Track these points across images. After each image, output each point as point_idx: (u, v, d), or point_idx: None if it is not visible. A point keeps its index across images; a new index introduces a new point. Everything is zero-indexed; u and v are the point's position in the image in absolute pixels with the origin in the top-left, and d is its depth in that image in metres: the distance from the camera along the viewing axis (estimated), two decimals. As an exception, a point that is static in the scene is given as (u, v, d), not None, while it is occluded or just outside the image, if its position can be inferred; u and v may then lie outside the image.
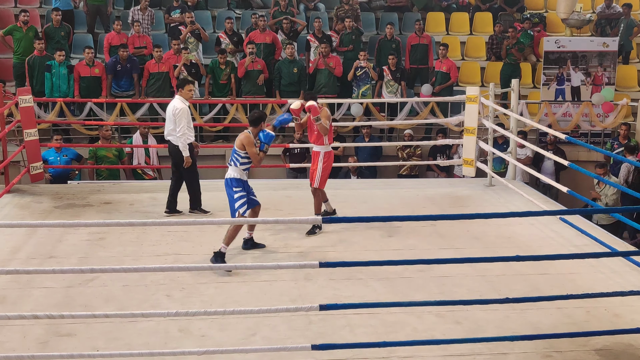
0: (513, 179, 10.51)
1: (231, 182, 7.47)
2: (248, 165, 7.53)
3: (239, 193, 7.43)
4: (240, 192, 7.43)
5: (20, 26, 13.61)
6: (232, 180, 7.47)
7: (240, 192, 7.43)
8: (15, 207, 9.12)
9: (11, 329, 5.81)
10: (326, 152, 8.27)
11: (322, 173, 8.22)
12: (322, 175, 8.23)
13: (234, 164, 7.50)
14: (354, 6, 15.43)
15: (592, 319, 6.20)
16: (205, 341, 5.72)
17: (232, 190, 7.45)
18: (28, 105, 9.82)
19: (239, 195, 7.43)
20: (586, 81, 14.18)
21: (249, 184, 7.61)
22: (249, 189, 7.56)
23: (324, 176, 8.25)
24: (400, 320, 6.06)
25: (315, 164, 8.25)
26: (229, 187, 7.48)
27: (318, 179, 8.21)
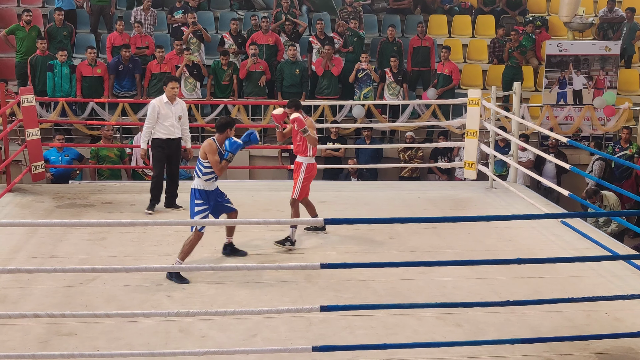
0: (514, 182, 10.51)
1: (193, 194, 7.07)
2: (212, 175, 7.07)
3: (200, 207, 7.04)
4: (201, 205, 7.04)
5: (23, 26, 13.63)
6: (194, 192, 7.07)
7: (201, 206, 7.04)
8: (17, 206, 9.12)
9: (12, 328, 5.81)
10: (309, 163, 7.96)
11: (303, 184, 7.91)
12: (302, 186, 7.91)
13: (197, 175, 7.09)
14: (357, 8, 15.43)
15: (593, 322, 6.19)
16: (206, 342, 5.71)
17: (193, 202, 7.07)
18: (30, 105, 9.83)
19: (199, 209, 7.04)
20: (588, 85, 14.18)
21: (219, 190, 7.26)
22: (216, 199, 7.19)
23: (304, 188, 7.94)
24: (400, 322, 6.06)
25: (297, 175, 7.99)
26: (192, 198, 7.08)
27: (298, 191, 7.89)
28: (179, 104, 8.92)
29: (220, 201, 7.31)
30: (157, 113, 8.79)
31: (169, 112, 8.82)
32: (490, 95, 10.39)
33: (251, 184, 11.21)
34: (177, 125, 8.89)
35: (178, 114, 8.87)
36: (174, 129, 8.88)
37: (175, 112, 8.85)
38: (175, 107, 8.86)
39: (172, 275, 6.86)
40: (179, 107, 8.92)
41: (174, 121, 8.86)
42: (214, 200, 7.19)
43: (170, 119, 8.83)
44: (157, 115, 8.80)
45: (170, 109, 8.83)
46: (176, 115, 8.86)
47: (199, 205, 7.06)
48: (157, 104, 8.81)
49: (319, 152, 12.98)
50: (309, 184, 8.04)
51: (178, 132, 8.94)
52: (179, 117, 8.88)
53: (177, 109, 8.87)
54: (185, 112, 9.04)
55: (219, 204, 7.30)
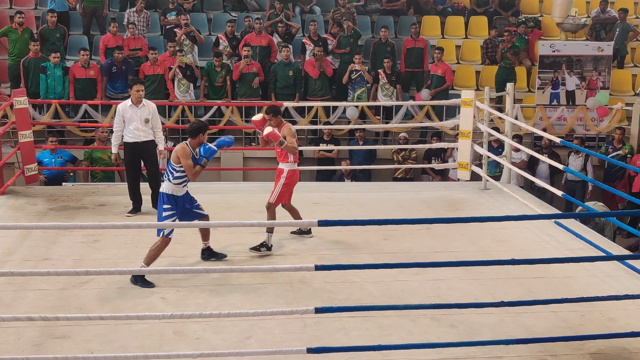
0: (508, 183, 10.53)
1: (161, 198, 6.94)
2: (183, 180, 6.94)
3: (168, 212, 6.90)
4: (168, 210, 6.90)
5: (16, 28, 13.60)
6: (162, 196, 6.93)
7: (168, 211, 6.90)
8: (10, 208, 9.10)
9: (5, 330, 5.79)
10: (290, 169, 7.89)
11: (282, 189, 7.82)
12: (281, 192, 7.82)
13: (167, 178, 6.94)
14: (350, 9, 15.44)
15: (587, 322, 6.20)
16: (200, 344, 5.70)
17: (161, 207, 6.93)
18: (23, 107, 9.80)
19: (167, 214, 6.90)
20: (581, 85, 14.22)
21: (189, 196, 7.15)
22: (184, 205, 7.06)
23: (282, 193, 7.84)
24: (395, 324, 6.06)
25: (278, 180, 7.90)
26: (159, 202, 6.97)
27: (275, 195, 7.81)
28: (145, 107, 8.77)
29: (189, 207, 7.14)
30: (122, 117, 8.74)
31: (133, 115, 8.71)
32: (483, 96, 10.41)
33: (245, 185, 11.20)
34: (142, 128, 8.74)
35: (144, 117, 8.73)
36: (139, 132, 8.75)
37: (140, 115, 8.72)
38: (141, 109, 8.74)
39: (136, 280, 6.75)
40: (146, 110, 8.77)
41: (139, 124, 8.72)
42: (182, 205, 7.04)
43: (135, 122, 8.72)
44: (123, 119, 8.75)
45: (135, 112, 8.72)
46: (142, 119, 8.72)
47: (167, 210, 6.91)
48: (121, 108, 8.78)
49: (312, 153, 13.06)
50: (289, 190, 7.95)
51: (145, 136, 8.80)
52: (145, 120, 8.74)
53: (142, 112, 8.74)
54: (153, 114, 8.84)
55: (187, 210, 7.12)
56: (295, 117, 13.31)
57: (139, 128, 8.75)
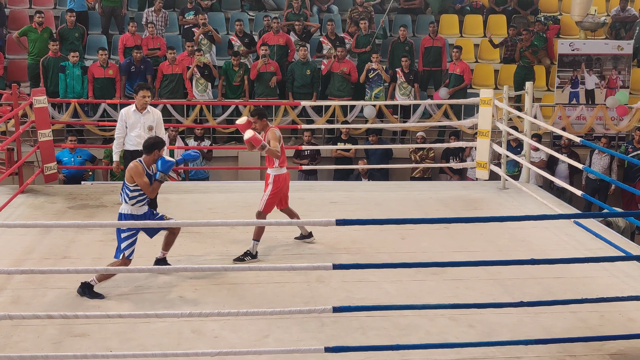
0: (527, 182, 10.47)
1: (120, 219, 6.67)
2: (139, 199, 6.59)
3: (126, 233, 6.53)
4: (127, 231, 6.52)
5: (35, 27, 13.69)
6: (121, 217, 6.65)
7: (127, 232, 6.52)
8: (29, 207, 9.16)
9: (25, 328, 5.83)
10: (277, 174, 7.62)
11: (270, 197, 7.55)
12: (269, 199, 7.55)
13: (124, 200, 6.62)
14: (368, 8, 15.43)
15: (607, 323, 6.16)
16: (218, 342, 5.72)
17: (119, 229, 6.58)
18: (42, 106, 9.86)
19: (125, 235, 6.53)
20: (600, 84, 14.12)
21: (151, 211, 6.82)
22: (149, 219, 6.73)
23: (270, 200, 7.56)
24: (413, 323, 6.05)
25: (266, 187, 7.66)
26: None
27: (263, 203, 7.53)
28: (150, 114, 8.37)
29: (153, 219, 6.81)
30: (125, 122, 8.39)
31: (136, 121, 8.33)
32: (502, 95, 10.35)
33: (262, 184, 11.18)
34: (145, 136, 8.13)
35: (148, 124, 8.34)
36: (141, 140, 7.93)
37: (144, 121, 8.34)
38: (145, 116, 8.35)
39: (84, 292, 6.46)
40: (150, 116, 8.37)
41: (142, 132, 8.31)
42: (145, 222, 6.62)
43: (137, 129, 8.34)
44: (125, 125, 8.40)
45: (139, 118, 8.34)
46: (145, 126, 8.33)
47: (124, 231, 6.53)
48: (124, 113, 8.40)
49: (329, 152, 13.06)
50: (279, 196, 7.64)
51: None
52: (149, 128, 8.33)
53: (147, 119, 8.35)
54: (158, 122, 8.44)
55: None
56: (313, 116, 13.32)
57: (141, 135, 8.24)
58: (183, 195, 9.78)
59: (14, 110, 9.87)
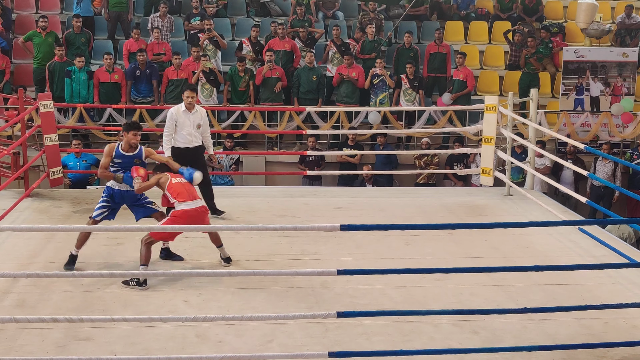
0: (531, 189, 10.46)
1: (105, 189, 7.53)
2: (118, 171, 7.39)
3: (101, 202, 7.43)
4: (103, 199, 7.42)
5: (40, 32, 13.74)
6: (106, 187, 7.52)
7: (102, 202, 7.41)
8: (35, 211, 9.19)
9: (30, 332, 5.85)
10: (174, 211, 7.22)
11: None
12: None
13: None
14: (378, 15, 15.47)
15: (611, 330, 6.15)
16: (222, 347, 5.73)
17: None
18: (48, 111, 9.89)
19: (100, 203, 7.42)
20: (605, 91, 14.12)
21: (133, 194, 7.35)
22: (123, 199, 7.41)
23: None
24: (417, 329, 6.05)
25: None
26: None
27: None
28: (197, 113, 8.74)
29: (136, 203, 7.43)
30: (175, 121, 8.71)
31: (186, 120, 8.67)
32: (507, 101, 10.37)
33: (267, 189, 11.24)
34: (195, 133, 8.71)
35: (197, 122, 8.71)
36: (192, 138, 8.71)
37: (193, 120, 8.69)
38: (194, 115, 8.70)
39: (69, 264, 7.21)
40: (198, 115, 8.74)
41: (192, 130, 8.69)
42: (119, 199, 7.41)
43: (187, 128, 8.68)
44: (175, 124, 8.71)
45: (188, 117, 8.68)
46: (194, 124, 8.70)
47: (102, 198, 7.41)
48: (174, 112, 8.73)
49: (334, 158, 13.08)
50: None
51: (197, 141, 8.77)
52: (197, 126, 8.72)
53: (195, 118, 8.71)
54: (205, 120, 8.87)
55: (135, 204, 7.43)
56: (318, 121, 13.34)
57: (192, 133, 8.69)
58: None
59: (20, 114, 9.92)
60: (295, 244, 8.05)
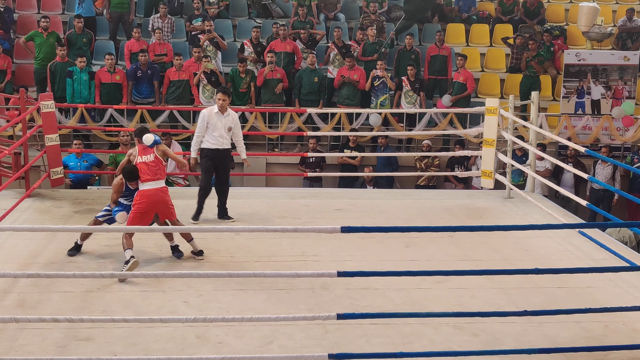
0: (532, 192, 10.47)
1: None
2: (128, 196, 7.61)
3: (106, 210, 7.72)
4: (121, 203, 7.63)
5: (41, 32, 13.75)
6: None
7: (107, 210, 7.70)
8: (36, 211, 9.19)
9: (30, 332, 5.86)
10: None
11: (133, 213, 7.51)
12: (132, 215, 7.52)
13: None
14: (380, 17, 15.48)
15: (611, 333, 6.16)
16: (222, 348, 5.73)
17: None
18: (49, 111, 9.90)
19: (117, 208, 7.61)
20: (606, 94, 14.12)
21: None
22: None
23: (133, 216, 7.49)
24: (417, 331, 6.06)
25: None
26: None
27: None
28: (230, 116, 8.81)
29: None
30: (207, 123, 8.74)
31: (218, 122, 8.72)
32: (508, 104, 10.37)
33: (267, 191, 11.23)
34: (225, 136, 8.78)
35: (228, 125, 8.76)
36: (223, 140, 8.78)
37: (225, 123, 8.74)
38: (226, 118, 8.76)
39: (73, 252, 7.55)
40: (230, 118, 8.80)
41: (223, 132, 8.75)
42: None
43: (219, 130, 8.73)
44: (207, 125, 8.74)
45: (220, 119, 8.73)
46: (226, 127, 8.75)
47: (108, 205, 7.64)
48: (207, 114, 8.77)
49: (335, 159, 13.10)
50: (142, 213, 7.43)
51: (227, 143, 8.83)
52: (228, 129, 8.77)
53: (227, 120, 8.76)
54: (236, 123, 8.91)
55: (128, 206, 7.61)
56: (319, 123, 13.35)
57: (223, 135, 8.76)
58: (189, 200, 9.79)
59: (22, 114, 9.92)
60: (295, 245, 8.05)
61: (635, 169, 8.88)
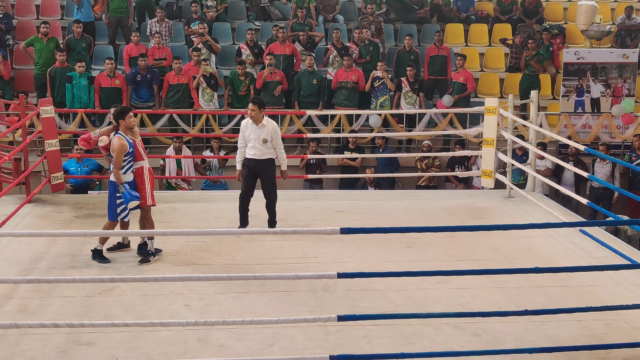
0: (532, 191, 10.47)
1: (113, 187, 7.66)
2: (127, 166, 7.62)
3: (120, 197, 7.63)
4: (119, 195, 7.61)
5: (41, 37, 13.77)
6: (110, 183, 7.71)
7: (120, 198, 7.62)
8: (36, 217, 9.20)
9: (32, 337, 5.85)
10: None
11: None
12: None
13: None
14: (377, 18, 15.48)
15: (612, 331, 6.15)
16: (224, 351, 5.73)
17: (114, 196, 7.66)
18: (49, 116, 9.90)
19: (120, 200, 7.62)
20: (606, 93, 14.13)
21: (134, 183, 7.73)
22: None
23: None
24: (418, 332, 6.05)
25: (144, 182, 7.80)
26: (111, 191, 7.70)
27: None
28: (265, 127, 8.50)
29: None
30: (243, 133, 8.59)
31: (252, 133, 8.51)
32: (507, 103, 10.37)
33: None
34: (260, 147, 8.50)
35: (263, 136, 8.47)
36: (256, 151, 8.52)
37: (258, 134, 8.47)
38: (260, 129, 8.48)
39: (95, 256, 7.52)
40: (265, 130, 8.49)
41: (257, 144, 8.49)
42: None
43: (252, 141, 8.52)
44: (244, 135, 8.58)
45: (254, 130, 8.49)
46: (260, 138, 8.47)
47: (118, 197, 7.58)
48: (243, 125, 8.63)
49: (335, 161, 13.09)
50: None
51: (261, 154, 8.54)
52: (263, 140, 8.48)
53: (261, 132, 8.48)
54: (273, 134, 8.54)
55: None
56: (319, 125, 13.35)
57: (256, 147, 8.52)
58: (189, 204, 9.83)
59: (22, 120, 9.93)
60: (296, 247, 8.05)
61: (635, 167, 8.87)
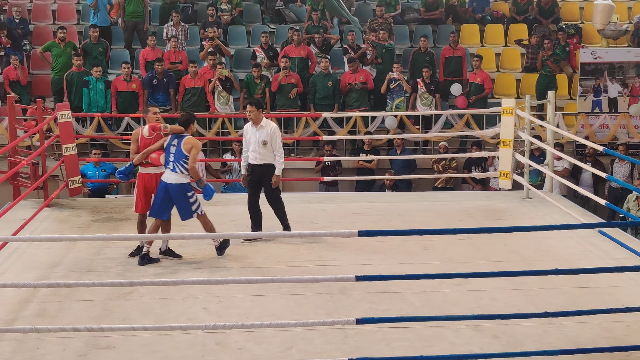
0: (550, 192, 10.41)
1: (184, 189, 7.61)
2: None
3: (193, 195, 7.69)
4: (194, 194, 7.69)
5: (58, 42, 13.85)
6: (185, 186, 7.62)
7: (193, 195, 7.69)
8: (54, 221, 9.25)
9: (51, 341, 5.88)
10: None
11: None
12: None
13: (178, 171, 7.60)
14: (387, 19, 15.45)
15: (633, 333, 6.10)
16: (242, 354, 5.73)
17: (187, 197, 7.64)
18: (67, 121, 9.97)
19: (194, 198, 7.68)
20: (623, 92, 14.03)
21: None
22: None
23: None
24: (437, 334, 6.03)
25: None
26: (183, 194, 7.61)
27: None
28: (264, 129, 8.26)
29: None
30: (245, 136, 8.46)
31: (252, 136, 8.31)
32: (524, 104, 10.32)
33: (284, 196, 11.17)
34: (260, 150, 8.27)
35: (262, 138, 8.24)
36: (256, 154, 8.29)
37: (258, 136, 8.26)
38: (259, 131, 8.26)
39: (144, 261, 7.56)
40: (264, 131, 8.26)
41: (257, 146, 8.28)
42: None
43: (252, 144, 8.32)
44: (245, 139, 8.45)
45: (254, 132, 8.30)
46: (259, 140, 8.26)
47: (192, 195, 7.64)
48: (245, 128, 8.50)
49: (351, 163, 13.09)
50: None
51: (262, 158, 8.31)
52: (263, 142, 8.24)
53: (260, 134, 8.26)
54: (273, 136, 8.29)
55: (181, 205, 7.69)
56: (334, 127, 13.34)
57: (256, 150, 8.29)
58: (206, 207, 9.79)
59: (39, 125, 9.99)
60: (313, 250, 8.05)
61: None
